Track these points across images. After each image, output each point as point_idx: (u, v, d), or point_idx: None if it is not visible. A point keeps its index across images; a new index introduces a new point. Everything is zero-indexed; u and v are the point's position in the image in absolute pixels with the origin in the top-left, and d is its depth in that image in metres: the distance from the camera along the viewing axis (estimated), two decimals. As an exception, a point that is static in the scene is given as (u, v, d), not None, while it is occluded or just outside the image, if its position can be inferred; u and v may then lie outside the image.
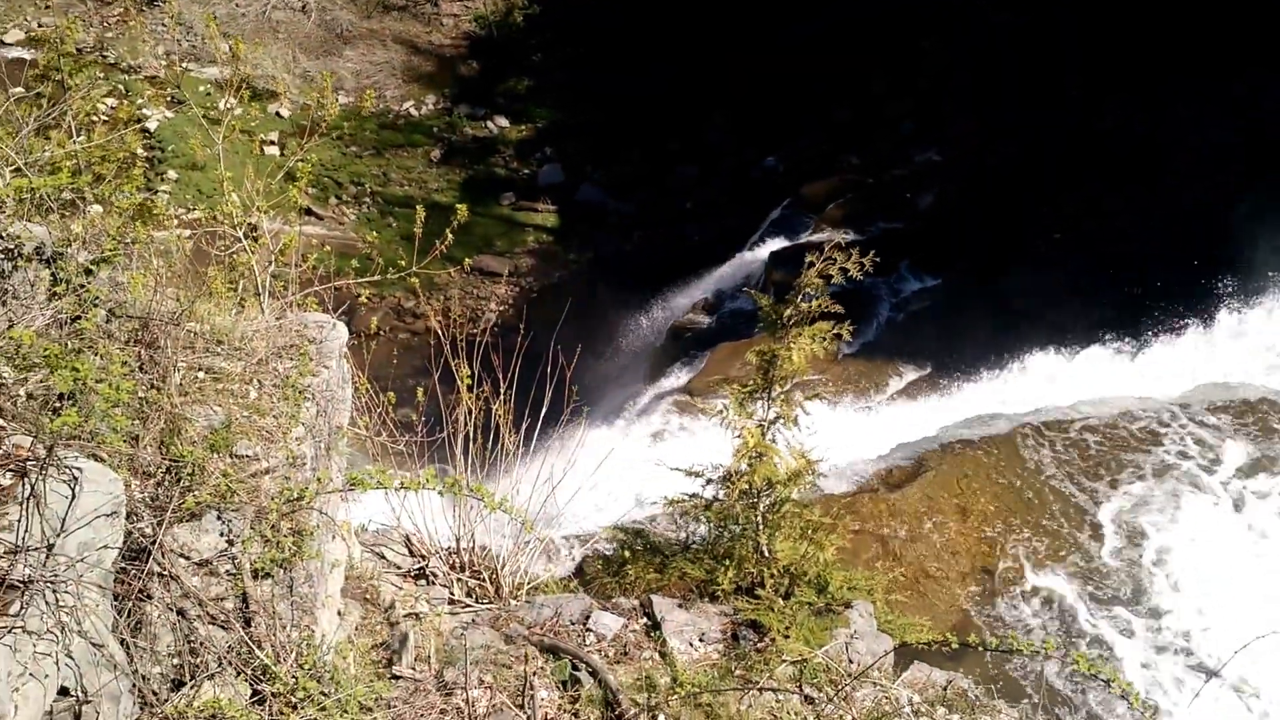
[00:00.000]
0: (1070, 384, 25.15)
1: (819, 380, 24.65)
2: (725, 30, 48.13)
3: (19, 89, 14.03)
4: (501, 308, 38.89)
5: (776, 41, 46.69)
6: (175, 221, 16.13)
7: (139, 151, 12.81)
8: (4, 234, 8.77)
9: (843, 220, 35.06)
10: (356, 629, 10.24)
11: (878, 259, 10.17)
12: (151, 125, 43.59)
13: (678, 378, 29.75)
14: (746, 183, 42.64)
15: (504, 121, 49.55)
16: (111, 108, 14.12)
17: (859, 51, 45.21)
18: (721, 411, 10.99)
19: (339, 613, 9.85)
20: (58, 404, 7.04)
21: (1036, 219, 33.26)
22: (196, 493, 7.84)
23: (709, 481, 11.67)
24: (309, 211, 42.18)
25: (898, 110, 43.55)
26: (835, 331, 10.64)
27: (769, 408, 10.99)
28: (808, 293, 10.29)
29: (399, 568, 12.02)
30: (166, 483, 7.89)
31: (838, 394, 25.61)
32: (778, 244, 35.70)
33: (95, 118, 13.11)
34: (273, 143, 46.01)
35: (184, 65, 50.69)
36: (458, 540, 12.02)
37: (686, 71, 47.55)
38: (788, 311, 10.46)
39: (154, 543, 7.25)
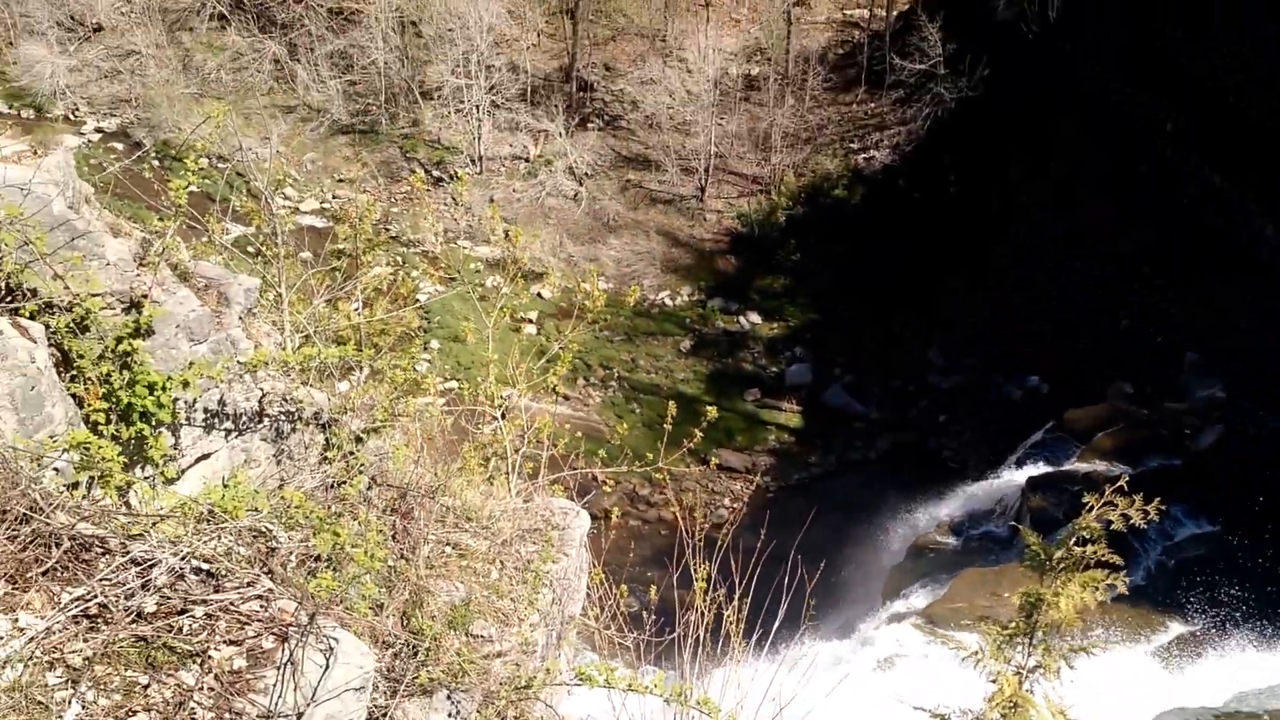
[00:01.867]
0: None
1: (1080, 625, 23.26)
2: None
3: (306, 253, 15.01)
4: (737, 504, 38.69)
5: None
6: (436, 391, 16.82)
7: (415, 326, 13.41)
8: (288, 398, 9.27)
9: (1112, 451, 33.36)
10: (567, 827, 9.99)
11: (1163, 507, 9.58)
12: (422, 297, 45.85)
13: (918, 600, 28.61)
14: (1005, 400, 41.65)
15: (756, 318, 50.18)
16: (392, 280, 14.86)
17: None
18: (976, 652, 10.40)
19: (552, 808, 9.63)
20: (314, 565, 7.24)
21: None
22: (431, 669, 7.84)
23: (955, 729, 11.00)
24: (555, 391, 43.26)
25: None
26: (1109, 582, 9.98)
27: (1028, 655, 10.35)
28: (1082, 536, 9.74)
29: (613, 767, 11.72)
30: (403, 655, 7.95)
31: (1100, 642, 24.10)
32: (1037, 469, 34.13)
33: (378, 291, 13.87)
34: (531, 321, 47.94)
35: (459, 243, 53.70)
36: (674, 748, 11.64)
37: (926, 257, 47.76)
38: (1058, 554, 9.90)
39: (385, 716, 7.27)
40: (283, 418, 9.24)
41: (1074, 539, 9.85)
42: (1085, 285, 40.87)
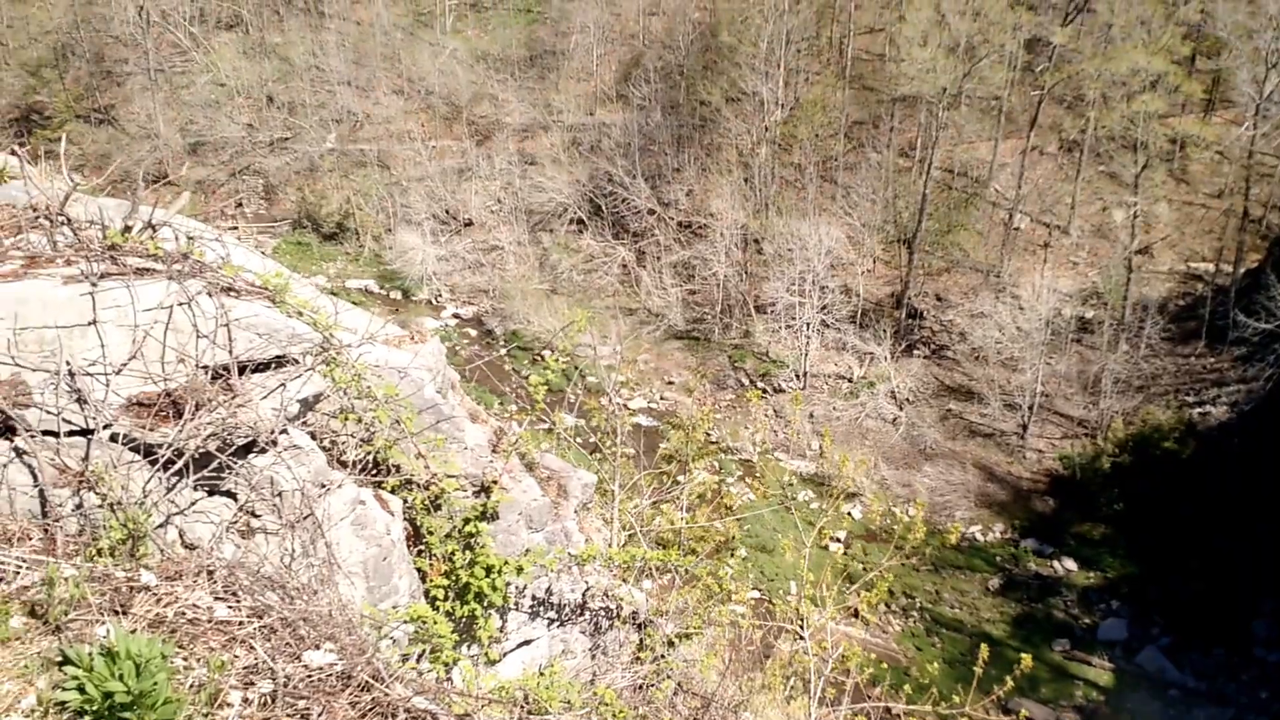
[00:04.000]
0: None
1: None
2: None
3: (631, 449, 15.48)
4: (1037, 761, 36.44)
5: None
6: (746, 602, 16.83)
7: (736, 536, 13.58)
8: (610, 594, 9.51)
9: None
10: None
11: None
12: (734, 503, 46.04)
13: None
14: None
15: (1071, 564, 47.87)
16: (717, 490, 15.15)
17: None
18: None
19: None
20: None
21: None
22: None
23: None
24: (855, 613, 42.44)
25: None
26: None
27: None
28: None
29: None
30: None
31: None
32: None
33: (701, 498, 14.12)
34: (839, 540, 47.36)
35: (775, 454, 54.13)
36: None
37: (1262, 521, 44.12)
38: None
39: None
40: (602, 613, 9.47)
41: None
42: None
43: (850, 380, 59.93)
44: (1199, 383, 55.32)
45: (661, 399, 59.48)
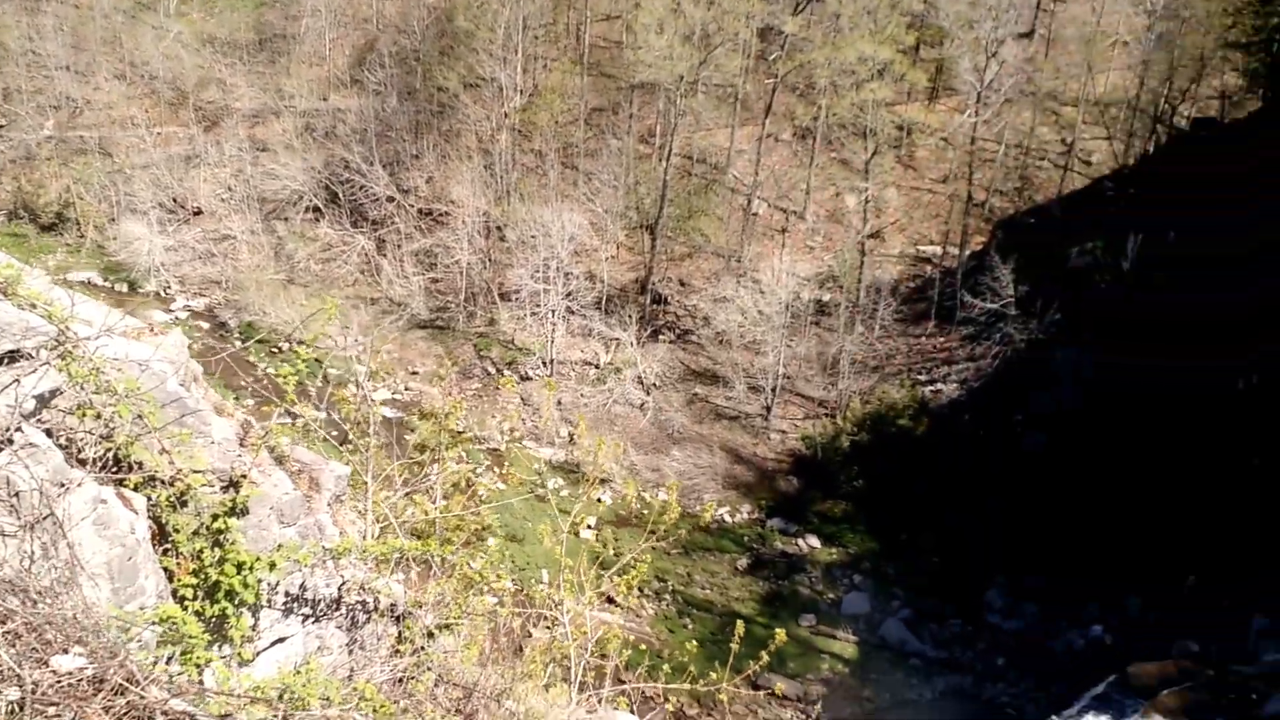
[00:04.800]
0: None
1: None
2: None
3: (377, 440, 15.24)
4: (785, 734, 37.65)
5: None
6: (507, 591, 16.83)
7: (490, 524, 13.55)
8: (366, 587, 9.34)
9: (1176, 709, 32.25)
10: None
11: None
12: (481, 492, 45.90)
13: None
14: (1067, 648, 40.70)
15: (815, 541, 49.64)
16: (470, 479, 15.06)
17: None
18: None
19: None
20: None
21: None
22: None
23: None
24: (609, 599, 42.90)
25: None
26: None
27: None
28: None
29: None
30: None
31: None
32: (1097, 720, 33.08)
33: (455, 487, 14.02)
34: (590, 526, 47.81)
35: (524, 443, 54.20)
36: None
37: (991, 495, 46.94)
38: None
39: None
40: (359, 607, 9.29)
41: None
42: (1147, 534, 40.38)
43: (597, 367, 60.52)
44: (930, 362, 58.20)
45: (406, 389, 58.68)
